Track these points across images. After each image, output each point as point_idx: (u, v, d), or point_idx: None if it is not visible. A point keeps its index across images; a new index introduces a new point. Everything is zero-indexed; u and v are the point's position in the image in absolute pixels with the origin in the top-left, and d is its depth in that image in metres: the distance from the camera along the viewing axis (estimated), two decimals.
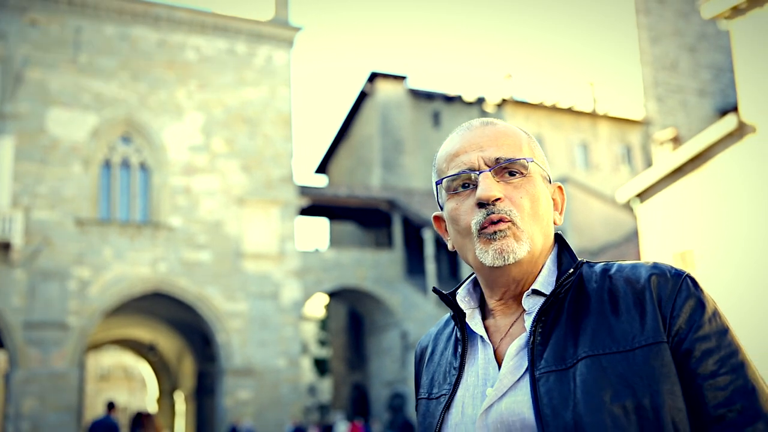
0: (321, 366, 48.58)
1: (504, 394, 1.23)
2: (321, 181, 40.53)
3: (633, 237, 24.07)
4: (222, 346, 25.23)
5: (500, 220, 1.28)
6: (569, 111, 32.85)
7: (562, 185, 1.43)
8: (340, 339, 35.81)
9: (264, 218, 26.56)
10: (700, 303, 1.23)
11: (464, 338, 1.35)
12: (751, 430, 1.15)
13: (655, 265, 1.27)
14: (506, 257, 1.27)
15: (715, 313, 1.23)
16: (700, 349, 1.19)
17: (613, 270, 1.30)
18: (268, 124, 27.39)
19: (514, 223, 1.28)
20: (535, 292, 1.30)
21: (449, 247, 1.40)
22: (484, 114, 31.29)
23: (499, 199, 1.29)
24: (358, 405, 32.78)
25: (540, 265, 1.33)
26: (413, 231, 29.72)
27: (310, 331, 50.81)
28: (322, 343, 47.50)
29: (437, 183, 1.37)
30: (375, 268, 28.44)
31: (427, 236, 27.23)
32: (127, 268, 24.34)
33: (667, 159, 21.26)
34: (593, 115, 33.34)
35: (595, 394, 1.16)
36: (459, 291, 1.40)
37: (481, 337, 1.33)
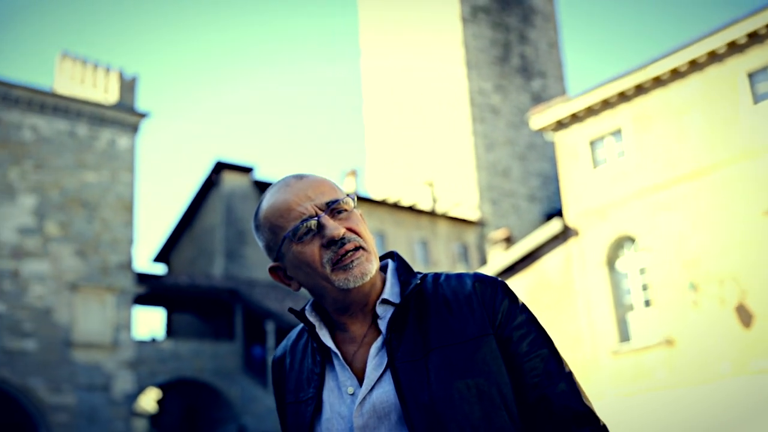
0: None
1: (373, 388, 1.51)
2: (161, 269, 39.37)
3: None
4: None
5: (356, 248, 1.53)
6: (410, 209, 34.11)
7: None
8: None
9: (98, 306, 25.42)
10: (513, 300, 1.58)
11: (321, 347, 1.59)
12: (555, 389, 1.52)
13: (476, 274, 1.61)
14: (363, 277, 1.52)
15: (524, 306, 1.59)
16: (516, 335, 1.55)
17: (442, 279, 1.62)
18: (108, 208, 26.57)
19: (363, 248, 1.54)
20: (385, 301, 1.58)
21: (294, 288, 1.62)
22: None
23: (344, 234, 1.53)
24: None
25: (378, 277, 1.60)
26: (255, 322, 29.37)
27: (141, 427, 48.12)
28: None
29: (285, 237, 1.54)
30: (214, 359, 27.74)
31: (269, 328, 27.01)
32: None
33: (500, 258, 22.50)
34: (432, 214, 34.77)
35: (444, 377, 1.47)
36: (306, 309, 1.64)
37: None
